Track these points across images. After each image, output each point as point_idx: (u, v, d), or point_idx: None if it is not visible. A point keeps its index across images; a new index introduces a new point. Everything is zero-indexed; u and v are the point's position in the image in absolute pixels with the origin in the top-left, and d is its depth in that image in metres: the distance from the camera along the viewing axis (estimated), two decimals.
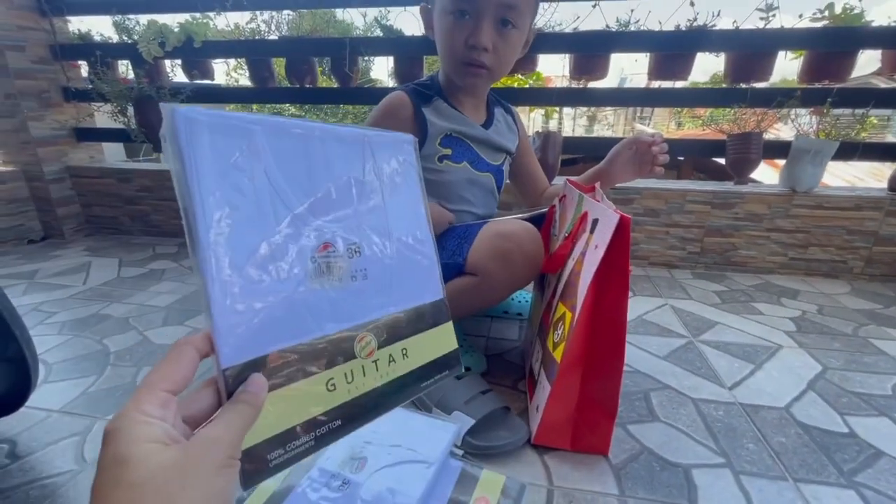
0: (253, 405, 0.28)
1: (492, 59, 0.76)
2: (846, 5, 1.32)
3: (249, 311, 0.30)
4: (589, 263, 0.60)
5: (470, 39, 0.73)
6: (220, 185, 0.30)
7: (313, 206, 0.35)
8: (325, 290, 0.35)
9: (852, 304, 1.23)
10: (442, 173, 0.82)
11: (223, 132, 0.31)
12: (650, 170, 0.80)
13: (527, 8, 0.76)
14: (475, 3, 0.71)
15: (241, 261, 0.30)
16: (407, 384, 0.40)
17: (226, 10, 1.52)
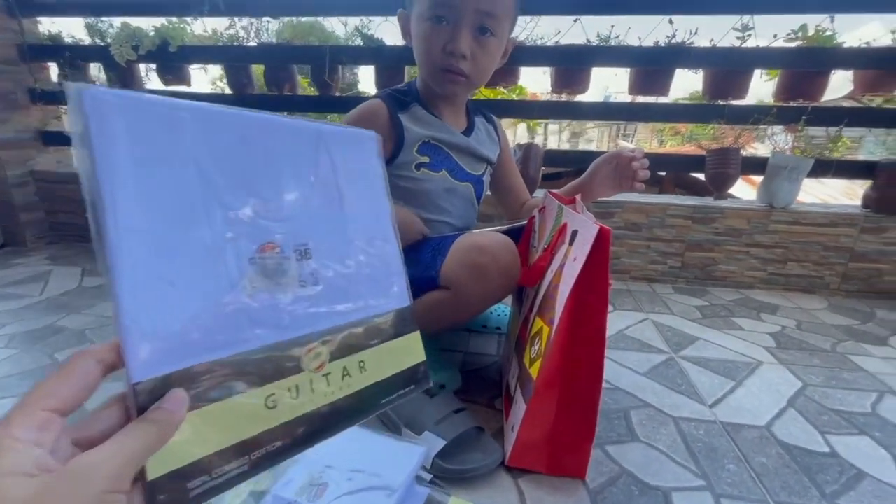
0: (162, 425, 0.24)
1: (469, 67, 0.74)
2: (819, 27, 1.35)
3: (169, 317, 0.27)
4: (567, 276, 0.57)
5: (448, 46, 0.72)
6: (135, 176, 0.26)
7: (254, 203, 0.32)
8: (267, 296, 0.31)
9: (830, 319, 1.24)
10: (419, 181, 0.80)
11: (142, 117, 0.27)
12: (630, 185, 0.78)
13: (505, 17, 0.74)
14: (453, 10, 0.70)
15: (159, 261, 0.27)
16: (364, 400, 0.36)
17: (203, 16, 1.49)
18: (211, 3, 1.46)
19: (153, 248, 0.27)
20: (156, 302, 0.26)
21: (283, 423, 0.31)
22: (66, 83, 0.24)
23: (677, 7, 1.35)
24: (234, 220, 0.31)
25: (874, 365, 0.98)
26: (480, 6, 0.70)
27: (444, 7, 0.70)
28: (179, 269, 0.28)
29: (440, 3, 0.70)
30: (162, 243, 0.27)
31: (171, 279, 0.27)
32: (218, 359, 0.28)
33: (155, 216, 0.27)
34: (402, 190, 0.80)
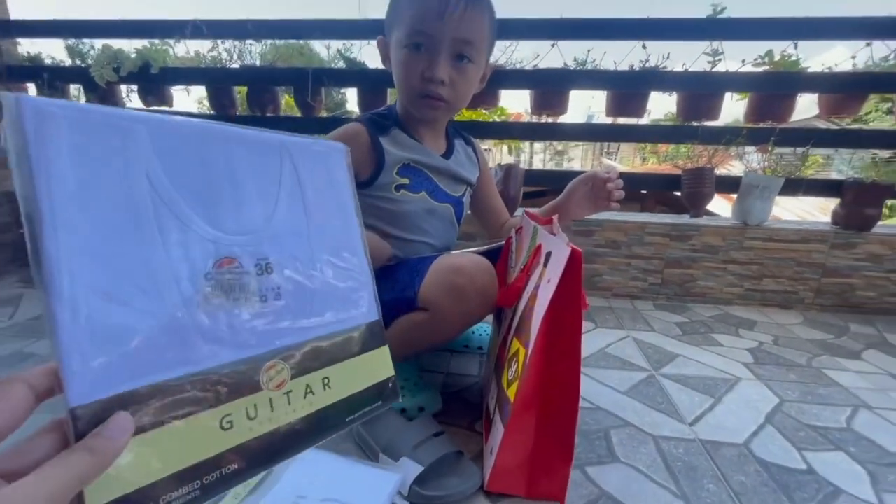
0: (99, 453, 0.23)
1: (448, 92, 0.75)
2: (784, 53, 1.42)
3: (114, 337, 0.26)
4: (542, 298, 0.58)
5: (426, 72, 0.73)
6: (78, 190, 0.26)
7: (212, 216, 0.31)
8: (223, 313, 0.30)
9: (805, 334, 1.26)
10: (399, 202, 0.80)
11: (88, 129, 0.27)
12: (606, 205, 0.80)
13: (483, 44, 0.76)
14: (431, 38, 0.71)
15: (102, 278, 0.26)
16: (329, 418, 0.35)
17: (185, 38, 1.50)
18: (194, 25, 1.47)
19: (96, 264, 0.26)
20: (98, 321, 0.25)
21: (239, 445, 0.30)
22: (2, 94, 0.24)
23: (650, 34, 1.40)
24: (190, 234, 0.30)
25: (848, 379, 1.00)
26: (458, 34, 0.71)
27: (421, 35, 0.71)
28: (125, 287, 0.27)
29: (418, 32, 0.71)
30: (106, 260, 0.26)
31: (115, 297, 0.26)
32: (167, 379, 0.27)
33: (99, 232, 0.26)
34: (382, 211, 0.80)
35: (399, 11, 0.73)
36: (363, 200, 0.80)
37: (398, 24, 0.73)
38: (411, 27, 0.71)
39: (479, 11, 0.72)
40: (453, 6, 0.68)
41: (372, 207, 0.80)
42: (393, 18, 0.75)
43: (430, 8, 0.69)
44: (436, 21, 0.69)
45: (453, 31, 0.70)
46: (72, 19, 1.58)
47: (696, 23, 1.40)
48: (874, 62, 1.40)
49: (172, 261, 0.29)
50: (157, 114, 0.31)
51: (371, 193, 0.79)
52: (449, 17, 0.69)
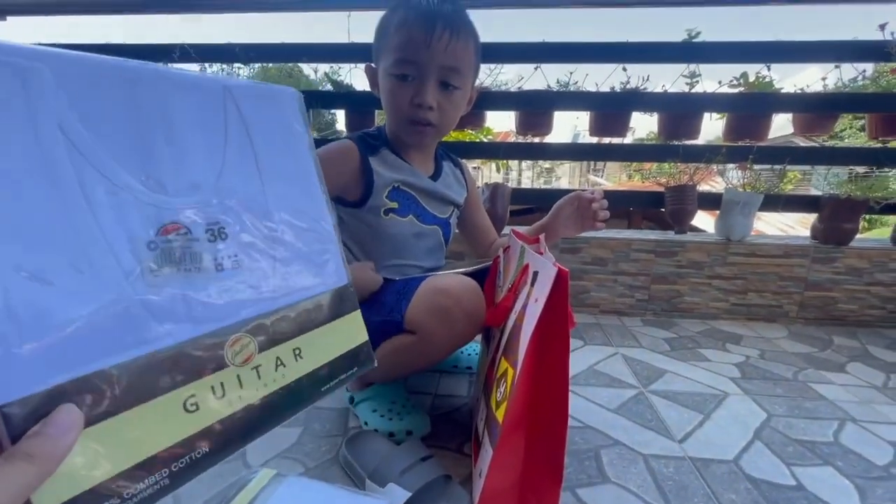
0: (39, 457, 0.20)
1: (437, 117, 0.76)
2: (759, 74, 1.47)
3: (44, 321, 0.22)
4: (530, 317, 0.58)
5: (415, 99, 0.74)
6: None
7: (148, 174, 0.27)
8: (174, 286, 0.27)
9: (791, 347, 1.28)
10: (385, 226, 0.80)
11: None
12: (592, 225, 0.81)
13: (468, 70, 0.77)
14: (418, 68, 0.72)
15: (21, 253, 0.22)
16: (303, 390, 0.33)
17: (173, 62, 1.51)
18: (182, 50, 1.48)
19: (8, 237, 0.22)
20: (22, 303, 0.22)
21: (208, 427, 0.27)
22: None
23: (630, 57, 1.45)
24: (123, 196, 0.26)
25: (834, 392, 1.01)
26: (444, 62, 0.72)
27: (408, 65, 0.72)
28: (52, 261, 0.23)
29: (405, 61, 0.72)
30: (21, 231, 0.22)
31: (40, 274, 0.22)
32: (118, 363, 0.24)
33: (6, 196, 0.22)
34: (369, 234, 0.80)
35: (386, 40, 0.74)
36: (350, 222, 0.81)
37: (386, 52, 0.74)
38: (398, 56, 0.72)
39: (465, 39, 0.73)
40: (439, 35, 0.70)
41: (358, 230, 0.80)
42: (380, 46, 0.76)
43: (417, 36, 0.70)
44: (423, 49, 0.70)
45: (440, 59, 0.72)
46: (59, 44, 1.58)
47: (674, 46, 1.45)
48: (843, 83, 1.46)
49: (104, 228, 0.25)
50: (69, 50, 0.26)
51: (358, 215, 0.79)
52: (435, 45, 0.70)
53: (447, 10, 0.72)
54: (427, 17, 0.70)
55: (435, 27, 0.69)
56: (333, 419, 0.85)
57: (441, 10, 0.71)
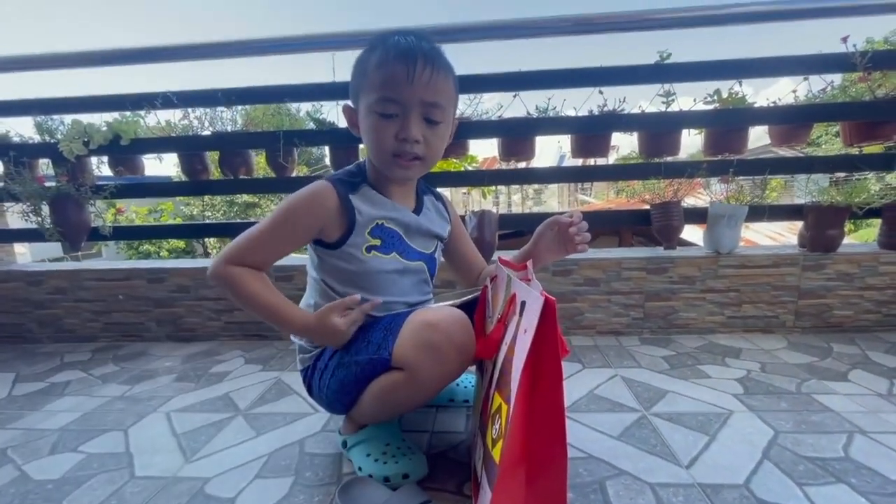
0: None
1: (423, 150, 0.75)
2: (732, 90, 1.51)
3: None
4: (520, 349, 0.56)
5: (400, 134, 0.73)
6: None
7: None
8: None
9: (791, 358, 1.26)
10: (367, 263, 0.78)
11: None
12: (574, 248, 0.80)
13: (449, 104, 0.77)
14: (401, 105, 0.72)
15: None
16: None
17: (156, 109, 1.53)
18: (164, 97, 1.50)
19: None
20: None
21: None
22: None
23: (605, 80, 1.49)
24: None
25: (839, 403, 0.99)
26: (426, 98, 0.72)
27: (391, 103, 0.72)
28: None
29: (387, 100, 0.71)
30: None
31: None
32: None
33: None
34: (350, 273, 0.78)
35: (366, 79, 0.73)
36: (329, 262, 0.79)
37: (366, 91, 0.73)
38: (381, 94, 0.71)
39: (444, 74, 0.74)
40: (420, 71, 0.70)
41: (338, 270, 0.78)
42: (360, 85, 0.75)
43: (398, 74, 0.70)
44: (405, 86, 0.70)
45: (422, 95, 0.71)
46: (42, 98, 1.59)
47: (647, 69, 1.49)
48: (813, 94, 1.50)
49: None
50: None
51: (339, 255, 0.78)
52: (417, 81, 0.70)
53: (425, 47, 0.72)
54: (407, 55, 0.70)
55: (416, 64, 0.70)
56: (326, 466, 0.82)
57: (420, 46, 0.72)
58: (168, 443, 0.93)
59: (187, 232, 2.96)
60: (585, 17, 1.49)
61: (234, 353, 1.47)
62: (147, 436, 0.96)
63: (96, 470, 0.84)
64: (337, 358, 0.76)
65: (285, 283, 1.56)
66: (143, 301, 1.59)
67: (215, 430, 0.97)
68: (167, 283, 1.58)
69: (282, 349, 1.47)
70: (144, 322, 1.61)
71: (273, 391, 1.16)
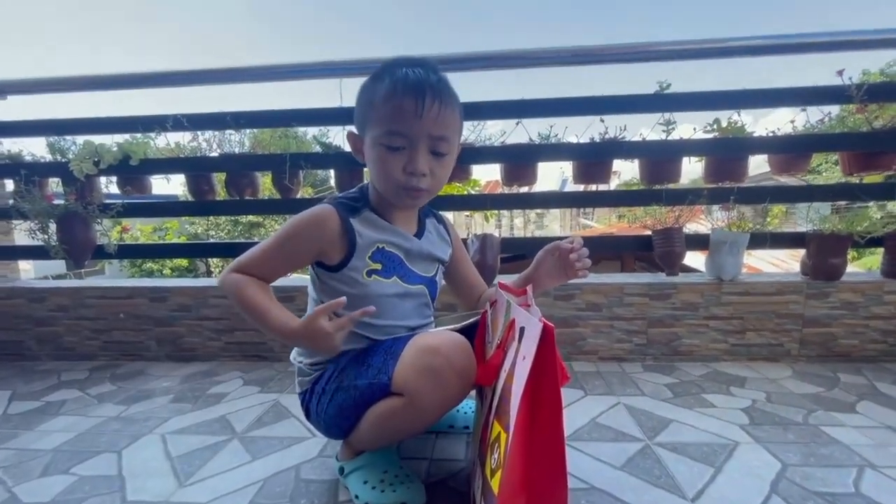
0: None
1: (429, 182, 0.76)
2: (731, 119, 1.53)
3: None
4: (519, 376, 0.56)
5: (407, 167, 0.73)
6: None
7: None
8: None
9: (797, 388, 1.24)
10: (367, 287, 0.78)
11: None
12: (574, 274, 0.80)
13: (456, 133, 0.78)
14: (409, 139, 0.72)
15: None
16: None
17: (166, 131, 1.56)
18: (175, 119, 1.54)
19: None
20: None
21: None
22: None
23: (606, 109, 1.52)
24: None
25: (848, 436, 0.97)
26: (434, 132, 0.72)
27: (398, 137, 0.72)
28: None
29: (394, 133, 0.72)
30: None
31: None
32: None
33: None
34: (350, 296, 0.77)
35: (373, 110, 0.73)
36: (330, 284, 0.79)
37: (373, 123, 0.73)
38: (389, 128, 0.71)
39: (452, 107, 0.74)
40: (429, 106, 0.70)
41: (338, 292, 0.78)
42: (366, 115, 0.75)
43: (406, 108, 0.70)
44: (413, 121, 0.70)
45: (430, 129, 0.71)
46: (56, 119, 1.63)
47: (647, 98, 1.51)
48: (811, 125, 1.53)
49: None
50: None
51: (339, 278, 0.78)
52: (426, 116, 0.70)
53: (433, 79, 0.72)
54: (416, 89, 0.70)
55: (425, 98, 0.70)
56: (322, 493, 0.80)
57: (428, 80, 0.72)
58: (162, 466, 0.91)
59: (191, 251, 2.96)
60: (583, 48, 1.53)
61: (233, 373, 1.46)
62: (141, 458, 0.94)
63: (87, 493, 0.82)
64: (336, 382, 0.76)
65: (287, 304, 1.54)
66: (144, 320, 1.59)
67: (210, 453, 0.95)
68: (169, 303, 1.58)
69: (281, 371, 1.46)
70: (144, 341, 1.60)
71: (271, 414, 1.14)
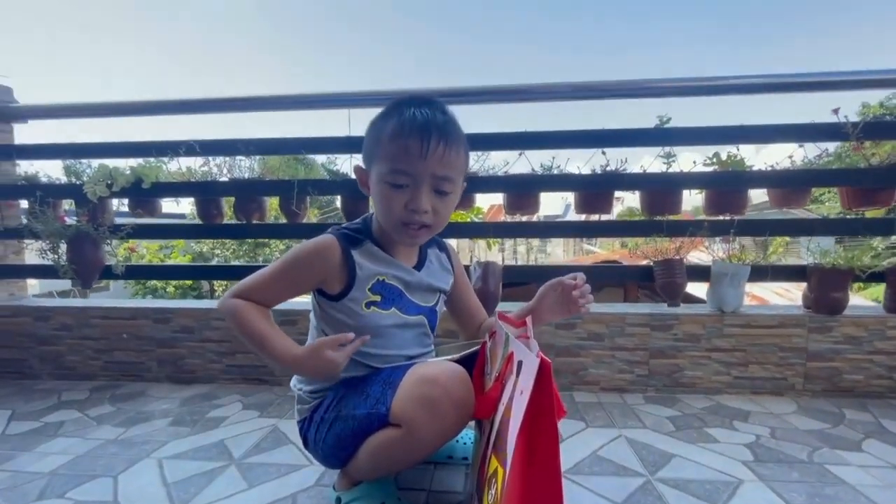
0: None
1: (432, 219, 0.77)
2: (730, 153, 1.56)
3: None
4: (516, 410, 0.56)
5: (410, 205, 0.74)
6: None
7: None
8: None
9: (802, 424, 1.22)
10: (366, 318, 0.79)
11: None
12: (577, 310, 0.81)
13: (460, 173, 0.79)
14: (413, 178, 0.73)
15: None
16: None
17: (179, 156, 1.61)
18: (187, 145, 1.58)
19: None
20: None
21: None
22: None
23: (607, 142, 1.55)
24: None
25: (854, 476, 0.95)
26: (438, 172, 0.74)
27: (403, 175, 0.73)
28: None
29: (399, 172, 0.73)
30: None
31: None
32: None
33: None
34: (349, 326, 0.78)
35: (380, 147, 0.75)
36: (329, 313, 0.81)
37: (379, 160, 0.75)
38: (393, 166, 0.73)
39: (457, 147, 0.75)
40: (434, 147, 0.71)
41: (337, 321, 0.79)
42: (373, 152, 0.77)
43: (412, 148, 0.71)
44: (418, 161, 0.72)
45: (434, 169, 0.73)
46: (73, 143, 1.69)
47: (648, 132, 1.55)
48: (810, 160, 1.55)
49: None
50: None
51: (339, 308, 0.79)
52: (430, 156, 0.72)
53: (440, 120, 0.74)
54: (422, 130, 0.71)
55: (430, 139, 0.71)
56: None
57: (434, 120, 0.73)
58: (157, 492, 0.90)
59: (196, 273, 3.01)
60: (585, 83, 1.57)
61: (233, 397, 1.45)
62: (137, 484, 0.94)
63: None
64: (334, 411, 0.76)
65: (289, 327, 1.56)
66: (147, 340, 1.60)
67: (207, 480, 0.95)
68: (172, 324, 1.59)
69: (280, 395, 1.46)
70: (145, 362, 1.61)
71: (269, 440, 1.14)
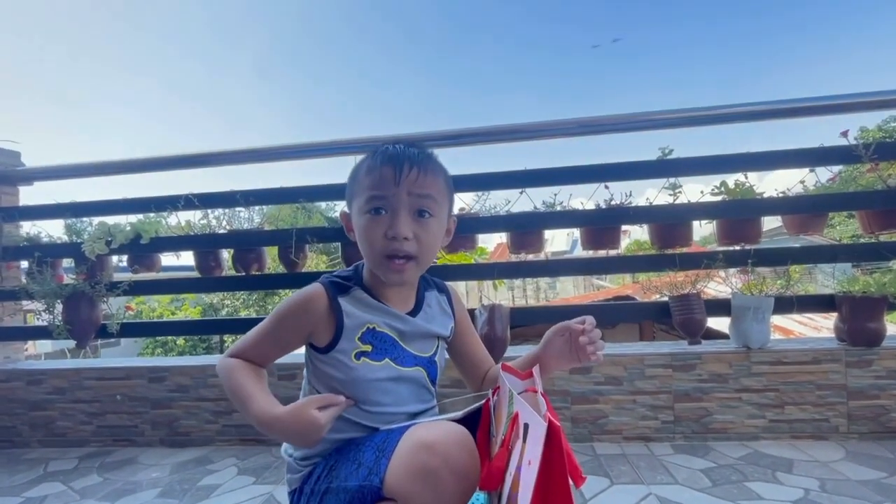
0: None
1: (414, 247, 0.74)
2: (737, 181, 1.51)
3: None
4: (525, 484, 0.48)
5: (389, 232, 0.72)
6: None
7: None
8: None
9: (853, 473, 1.09)
10: (356, 371, 0.72)
11: None
12: (587, 358, 0.73)
13: (440, 197, 0.77)
14: (390, 199, 0.73)
15: None
16: None
17: (178, 210, 1.60)
18: (186, 199, 1.58)
19: None
20: None
21: None
22: None
23: (609, 176, 1.52)
24: None
25: None
26: (413, 189, 0.73)
27: (380, 199, 0.73)
28: None
29: (376, 196, 0.73)
30: None
31: None
32: None
33: None
34: (339, 381, 0.72)
35: (357, 183, 0.77)
36: (320, 368, 0.74)
37: (357, 195, 0.76)
38: (370, 193, 0.73)
39: (433, 173, 0.75)
40: (407, 171, 0.72)
41: (327, 377, 0.73)
42: (352, 191, 0.78)
43: (386, 175, 0.72)
44: (392, 185, 0.72)
45: (409, 188, 0.72)
46: (73, 202, 1.70)
47: (650, 164, 1.51)
48: (822, 184, 1.49)
49: None
50: None
51: (328, 361, 0.73)
52: (404, 180, 0.72)
53: (412, 152, 0.76)
54: (395, 158, 0.73)
55: (402, 165, 0.72)
56: None
57: (406, 152, 0.75)
58: None
59: (195, 328, 2.96)
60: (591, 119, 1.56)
61: (228, 460, 1.36)
62: None
63: None
64: (326, 482, 0.68)
65: (288, 382, 1.49)
66: (140, 402, 1.53)
67: None
68: (167, 383, 1.53)
69: (278, 457, 1.36)
70: (138, 425, 1.53)
71: None
